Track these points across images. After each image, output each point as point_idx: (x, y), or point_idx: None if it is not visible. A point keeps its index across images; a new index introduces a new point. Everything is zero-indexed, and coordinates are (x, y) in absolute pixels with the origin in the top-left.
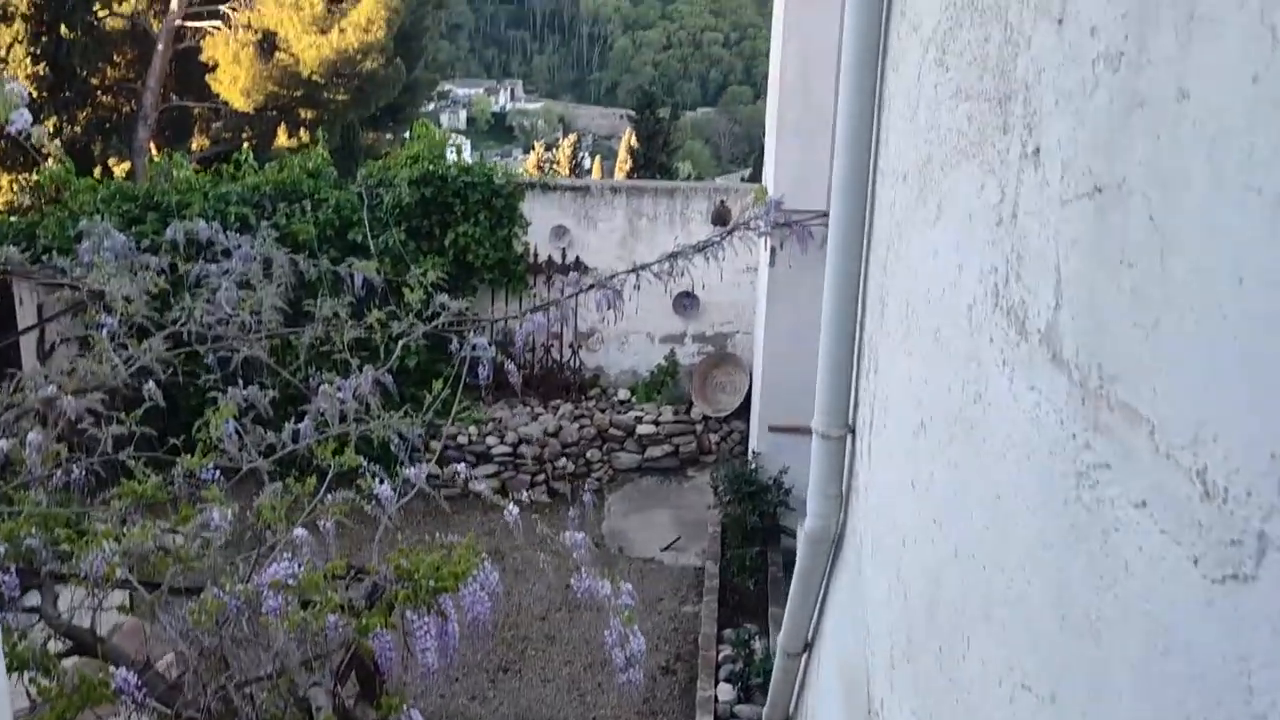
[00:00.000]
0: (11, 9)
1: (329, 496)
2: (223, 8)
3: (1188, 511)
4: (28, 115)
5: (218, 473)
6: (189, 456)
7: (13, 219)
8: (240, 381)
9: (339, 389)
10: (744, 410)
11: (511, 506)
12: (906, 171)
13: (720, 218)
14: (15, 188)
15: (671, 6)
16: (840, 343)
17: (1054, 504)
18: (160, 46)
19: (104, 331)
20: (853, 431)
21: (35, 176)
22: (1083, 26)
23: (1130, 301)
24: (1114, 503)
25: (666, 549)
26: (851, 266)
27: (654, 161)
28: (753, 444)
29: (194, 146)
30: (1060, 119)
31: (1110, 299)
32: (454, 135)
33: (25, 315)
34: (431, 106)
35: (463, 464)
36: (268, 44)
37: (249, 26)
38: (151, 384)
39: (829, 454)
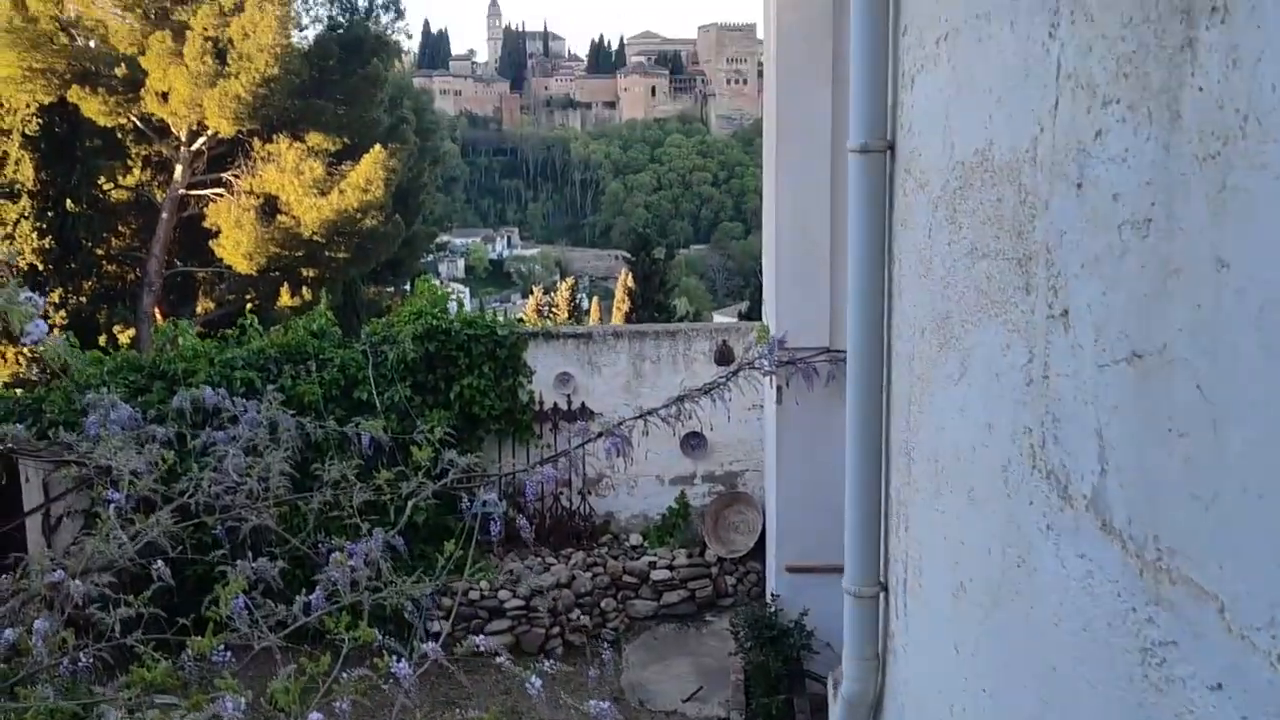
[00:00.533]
0: (18, 186)
1: (344, 675)
2: (225, 175)
3: (1272, 698)
4: (43, 326)
5: (228, 654)
6: (199, 638)
7: (18, 392)
8: (249, 553)
9: (350, 555)
10: (759, 550)
11: (534, 679)
12: (925, 326)
13: (724, 357)
14: (20, 360)
15: (660, 150)
16: (866, 498)
17: (1118, 681)
18: (164, 215)
19: (110, 508)
20: (885, 589)
21: (40, 349)
22: (1103, 192)
23: (1184, 472)
24: (1186, 683)
25: (689, 700)
26: (872, 421)
27: (651, 300)
28: (770, 586)
29: (198, 310)
30: (1088, 282)
31: (1162, 469)
32: (453, 284)
33: (31, 492)
34: (430, 258)
35: (481, 636)
36: (269, 208)
37: (251, 192)
38: (160, 563)
39: (862, 614)
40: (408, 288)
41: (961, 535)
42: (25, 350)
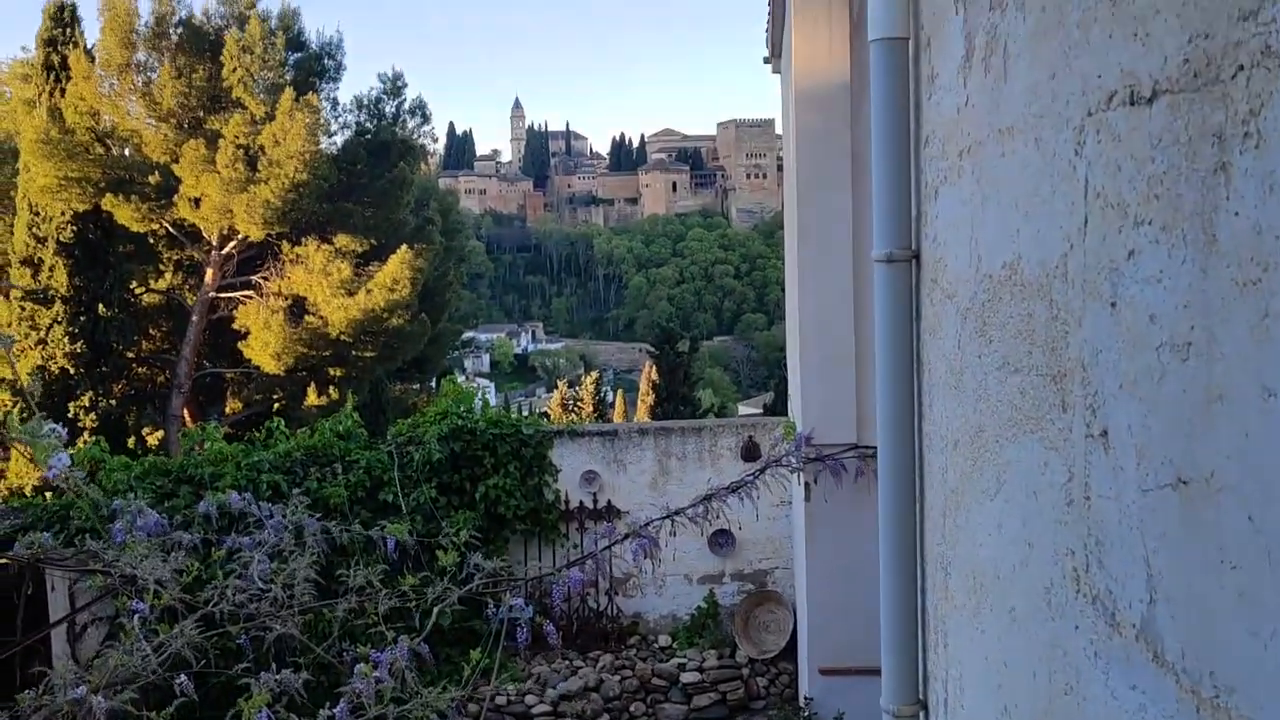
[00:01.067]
0: (52, 292)
1: None
2: (254, 278)
3: None
4: (65, 459)
5: None
6: None
7: (47, 497)
8: (273, 662)
9: (375, 665)
10: (791, 650)
11: None
12: (958, 439)
13: (750, 453)
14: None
15: (682, 244)
16: (902, 612)
17: None
18: (194, 318)
19: (135, 618)
20: (925, 707)
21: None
22: (1139, 313)
23: (1238, 606)
24: None
25: None
26: (906, 533)
27: (676, 393)
28: (803, 688)
29: (227, 410)
30: (1128, 403)
31: (1215, 601)
32: (478, 380)
33: (57, 601)
34: (456, 354)
35: None
36: (297, 309)
37: (279, 294)
38: (183, 676)
39: None
40: (434, 384)
41: (1004, 656)
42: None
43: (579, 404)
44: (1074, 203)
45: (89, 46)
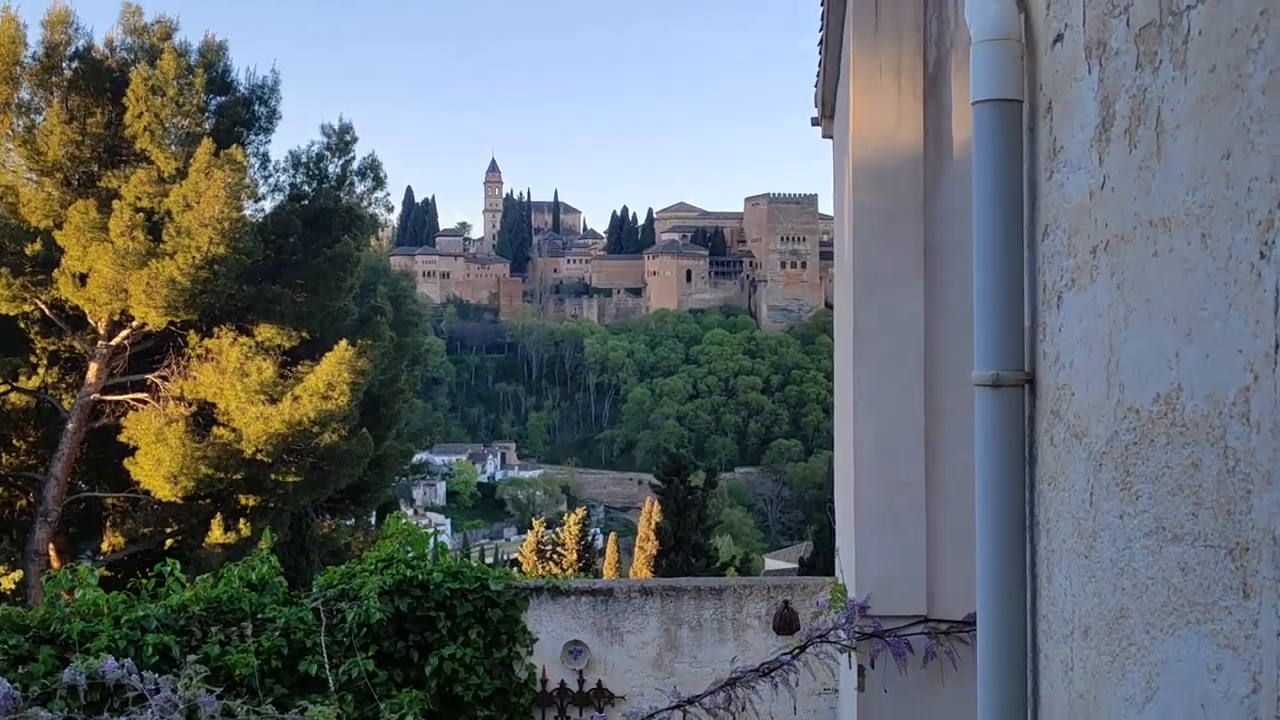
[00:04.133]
0: None
1: None
2: (150, 377)
3: None
4: None
5: None
6: None
7: None
8: None
9: None
10: None
11: None
12: (1088, 625)
13: (786, 624)
14: None
15: (697, 348)
16: None
17: None
18: (70, 426)
19: None
20: None
21: None
22: None
23: None
24: None
25: None
26: None
27: (686, 540)
28: None
29: (105, 547)
30: None
31: None
32: (430, 516)
33: None
34: (404, 480)
35: None
36: (203, 418)
37: (181, 398)
38: None
39: None
40: (375, 521)
41: None
42: None
43: (560, 550)
44: (1259, 320)
45: None
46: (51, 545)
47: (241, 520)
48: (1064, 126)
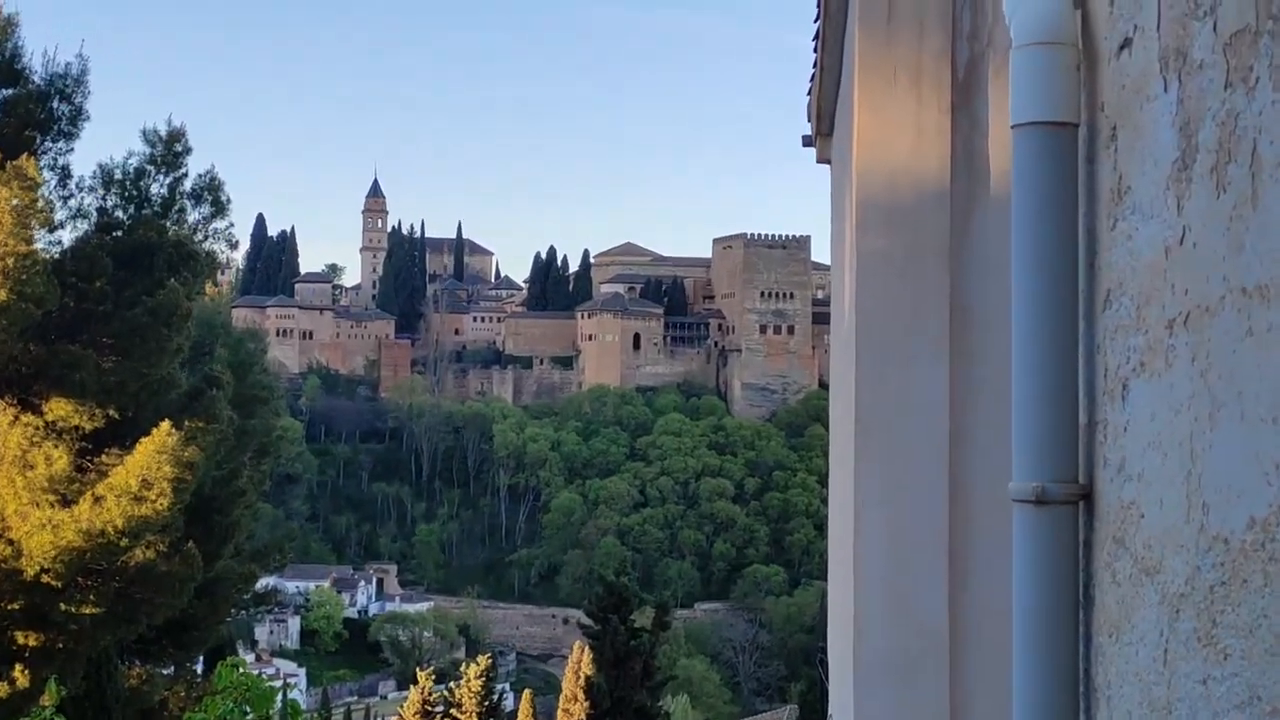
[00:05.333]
0: None
1: None
2: None
3: None
4: None
5: None
6: None
7: None
8: None
9: None
10: None
11: None
12: None
13: None
14: None
15: (646, 440)
16: None
17: None
18: None
19: None
20: None
21: None
22: None
23: None
24: None
25: None
26: None
27: (627, 702)
28: None
29: None
30: None
31: None
32: (278, 664)
33: None
34: (244, 615)
35: None
36: None
37: None
38: None
39: None
40: (202, 669)
41: None
42: None
43: (455, 713)
44: None
45: None
46: None
47: (18, 667)
48: (1132, 160)
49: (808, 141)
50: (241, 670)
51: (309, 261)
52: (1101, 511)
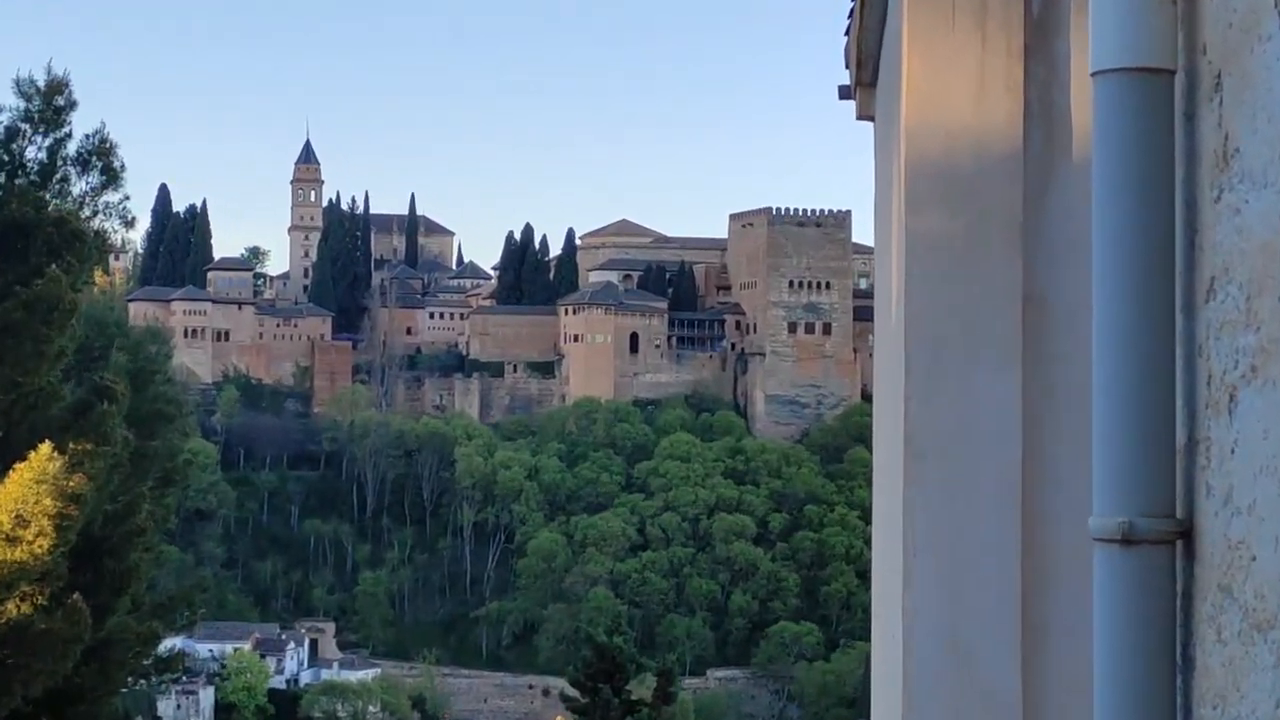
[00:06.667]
0: None
1: None
2: None
3: None
4: None
5: None
6: None
7: None
8: None
9: None
10: None
11: None
12: None
13: None
14: None
15: (646, 466)
16: None
17: None
18: None
19: None
20: None
21: None
22: None
23: None
24: None
25: None
26: None
27: None
28: None
29: None
30: None
31: None
32: None
33: None
34: (142, 684)
35: None
36: None
37: None
38: None
39: None
40: None
41: None
42: None
43: None
44: None
45: None
46: None
47: None
48: (1241, 115)
49: (845, 93)
50: None
51: (225, 244)
52: (1204, 553)
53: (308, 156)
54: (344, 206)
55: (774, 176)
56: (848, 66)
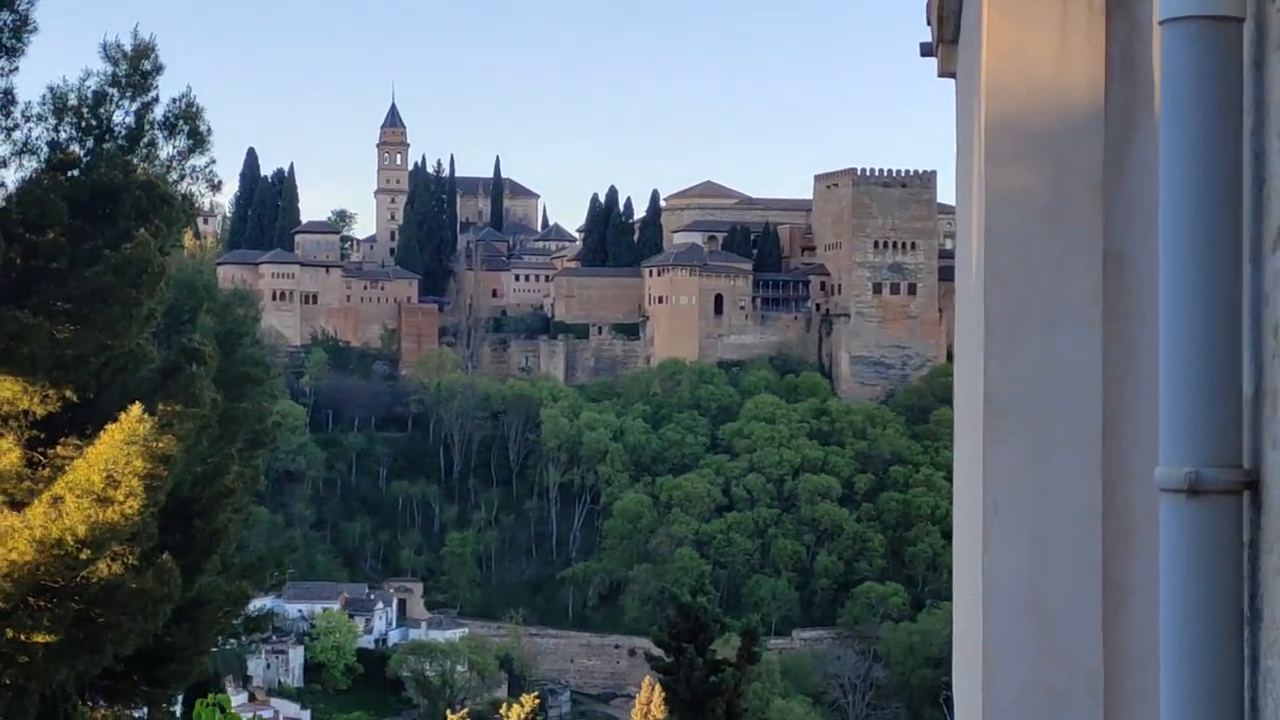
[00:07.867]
0: None
1: None
2: None
3: None
4: None
5: None
6: None
7: None
8: None
9: None
10: None
11: None
12: None
13: None
14: None
15: (731, 427)
16: None
17: None
18: None
19: None
20: None
21: None
22: None
23: None
24: None
25: None
26: None
27: None
28: None
29: None
30: None
31: None
32: (275, 704)
33: None
34: (232, 644)
35: None
36: None
37: None
38: None
39: None
40: (180, 710)
41: None
42: None
43: None
44: None
45: None
46: None
47: None
48: None
49: (927, 50)
50: (227, 711)
51: (312, 208)
52: (1271, 503)
53: (394, 120)
54: (430, 170)
55: (859, 137)
56: (929, 23)
